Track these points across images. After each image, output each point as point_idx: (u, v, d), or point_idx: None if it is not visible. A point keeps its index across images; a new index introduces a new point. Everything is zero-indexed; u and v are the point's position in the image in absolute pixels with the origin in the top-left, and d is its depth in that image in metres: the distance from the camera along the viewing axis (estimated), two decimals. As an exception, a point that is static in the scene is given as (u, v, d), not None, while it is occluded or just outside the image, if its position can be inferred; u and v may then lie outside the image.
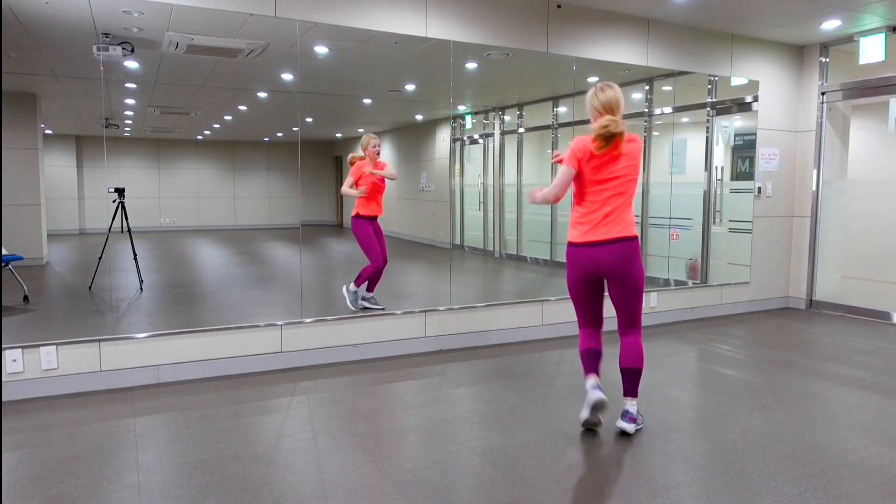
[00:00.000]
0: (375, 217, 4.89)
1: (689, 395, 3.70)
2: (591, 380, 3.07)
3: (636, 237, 3.01)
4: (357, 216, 4.83)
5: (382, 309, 4.60)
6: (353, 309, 4.55)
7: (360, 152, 4.85)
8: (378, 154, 4.84)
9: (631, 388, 3.09)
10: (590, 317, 3.17)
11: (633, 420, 3.07)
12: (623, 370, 3.08)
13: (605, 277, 3.04)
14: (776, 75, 6.27)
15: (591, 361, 3.13)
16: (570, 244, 3.05)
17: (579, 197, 3.04)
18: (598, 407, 3.03)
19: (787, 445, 2.97)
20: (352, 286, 4.68)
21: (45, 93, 5.16)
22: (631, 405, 3.09)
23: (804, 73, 6.42)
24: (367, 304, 4.69)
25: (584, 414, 3.07)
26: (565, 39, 5.07)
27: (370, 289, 4.81)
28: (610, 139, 2.89)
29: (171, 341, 3.91)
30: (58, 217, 5.81)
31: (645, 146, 6.28)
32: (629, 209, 3.00)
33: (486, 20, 4.72)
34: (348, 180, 4.83)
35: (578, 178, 3.00)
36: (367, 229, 4.81)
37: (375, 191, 4.82)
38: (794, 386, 3.90)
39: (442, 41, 4.57)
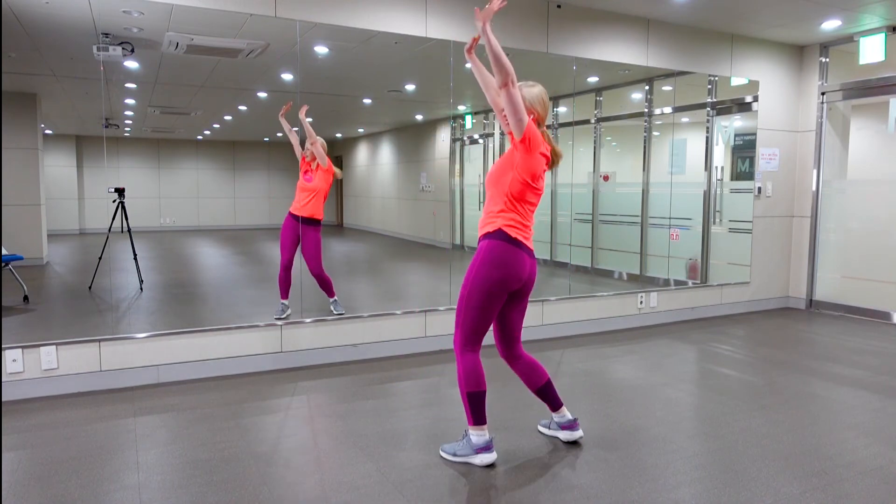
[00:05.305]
0: (296, 217, 4.73)
1: (690, 395, 3.70)
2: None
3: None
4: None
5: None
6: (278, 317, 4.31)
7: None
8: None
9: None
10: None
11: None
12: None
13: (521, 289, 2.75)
14: (776, 75, 6.27)
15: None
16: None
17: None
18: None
19: (787, 445, 2.97)
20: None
21: (45, 93, 5.15)
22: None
23: (804, 73, 6.42)
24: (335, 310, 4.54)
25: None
26: (565, 39, 5.07)
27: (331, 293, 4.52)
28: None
29: (171, 341, 3.91)
30: (58, 217, 5.80)
31: (645, 146, 6.29)
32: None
33: (486, 20, 4.71)
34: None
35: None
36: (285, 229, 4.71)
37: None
38: (794, 386, 3.90)
39: (442, 41, 4.57)
